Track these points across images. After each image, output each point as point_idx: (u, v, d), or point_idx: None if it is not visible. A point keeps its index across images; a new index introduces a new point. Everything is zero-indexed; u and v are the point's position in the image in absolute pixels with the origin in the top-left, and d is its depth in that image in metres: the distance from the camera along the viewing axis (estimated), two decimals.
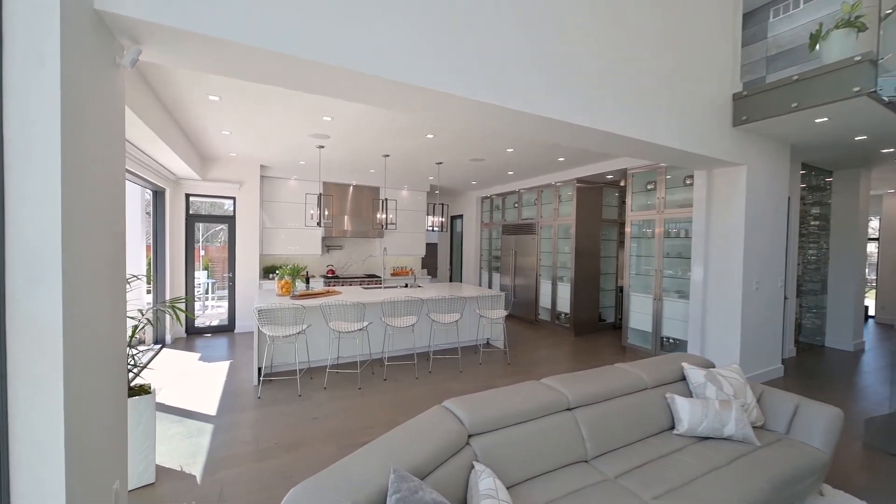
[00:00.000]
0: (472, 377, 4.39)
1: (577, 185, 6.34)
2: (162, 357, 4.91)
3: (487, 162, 5.78)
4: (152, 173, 4.75)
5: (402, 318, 4.44)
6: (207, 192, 6.01)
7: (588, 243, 6.52)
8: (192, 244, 6.03)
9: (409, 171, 6.72)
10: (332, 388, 3.96)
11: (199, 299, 7.79)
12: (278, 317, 4.12)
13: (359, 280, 7.06)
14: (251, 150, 5.40)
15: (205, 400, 3.62)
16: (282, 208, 6.71)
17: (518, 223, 7.67)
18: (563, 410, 2.10)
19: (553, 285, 6.80)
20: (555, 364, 4.94)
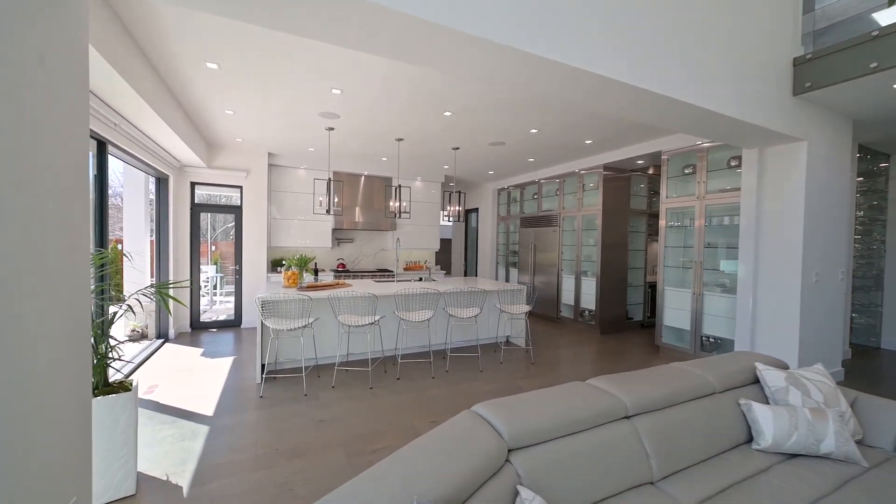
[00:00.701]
0: (494, 377, 4.00)
1: (603, 172, 5.89)
2: (163, 352, 4.65)
3: (508, 146, 5.39)
4: (155, 158, 4.49)
5: (417, 313, 4.08)
6: (213, 181, 5.75)
7: (615, 235, 6.07)
8: (198, 235, 5.78)
9: (423, 159, 6.36)
10: (340, 388, 3.62)
11: (205, 294, 7.58)
12: (283, 309, 3.80)
13: (370, 274, 6.73)
14: (257, 135, 5.12)
15: (203, 399, 3.32)
16: (290, 199, 6.43)
17: (537, 215, 7.25)
18: (620, 419, 1.71)
19: (576, 281, 6.37)
20: (583, 364, 4.52)
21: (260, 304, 3.59)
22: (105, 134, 3.22)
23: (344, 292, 3.80)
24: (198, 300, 5.82)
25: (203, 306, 7.12)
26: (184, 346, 4.95)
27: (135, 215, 5.24)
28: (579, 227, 6.32)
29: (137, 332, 5.11)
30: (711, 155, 4.47)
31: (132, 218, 5.24)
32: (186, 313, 5.65)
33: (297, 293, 3.92)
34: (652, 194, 6.56)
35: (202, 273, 7.45)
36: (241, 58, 2.98)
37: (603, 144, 5.24)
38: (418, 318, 3.96)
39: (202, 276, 7.59)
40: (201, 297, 6.96)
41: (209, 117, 4.39)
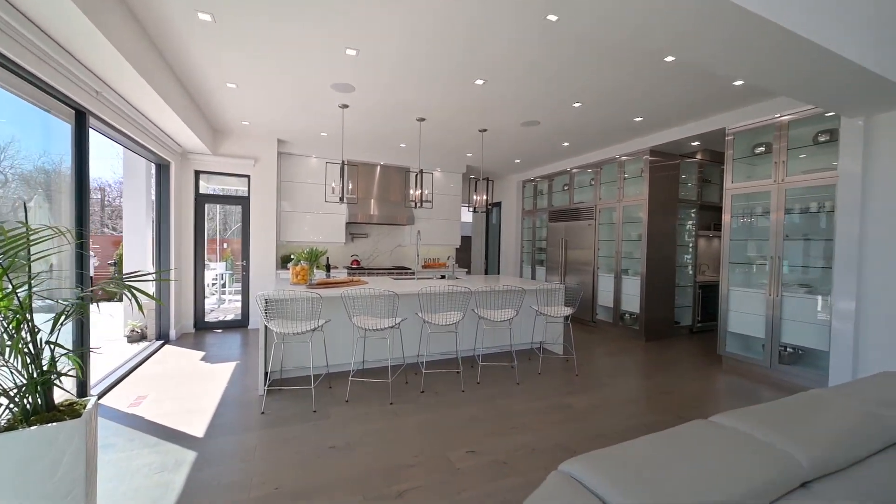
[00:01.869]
0: (534, 392, 3.39)
1: (649, 158, 5.22)
2: (161, 355, 4.19)
3: (543, 127, 4.76)
4: (152, 140, 4.03)
5: (443, 315, 3.50)
6: (219, 169, 5.30)
7: (662, 229, 5.38)
8: (202, 228, 5.33)
9: (444, 147, 5.79)
10: (356, 402, 3.06)
11: (214, 293, 7.18)
12: (290, 309, 3.27)
13: (386, 272, 6.19)
14: (265, 118, 4.62)
15: (195, 414, 2.81)
16: (301, 190, 5.94)
17: (569, 208, 6.60)
18: (796, 489, 1.09)
19: (616, 280, 5.70)
20: (636, 378, 3.86)
21: (263, 303, 3.06)
22: (84, 102, 2.74)
23: (359, 290, 3.26)
24: (202, 299, 5.37)
25: (210, 305, 6.71)
26: (184, 348, 4.48)
27: (134, 206, 4.81)
28: (619, 221, 5.65)
29: (137, 333, 4.67)
30: (794, 129, 3.76)
31: (132, 209, 4.82)
32: (190, 313, 5.20)
33: (306, 291, 3.39)
34: (702, 182, 5.84)
35: (210, 270, 7.06)
36: (238, 6, 2.45)
37: (654, 122, 4.56)
38: (445, 322, 3.38)
39: (210, 274, 7.22)
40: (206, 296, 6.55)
41: (209, 92, 3.91)
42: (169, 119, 3.76)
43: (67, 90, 2.56)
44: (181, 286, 5.09)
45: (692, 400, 3.31)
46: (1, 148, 2.80)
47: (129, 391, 3.19)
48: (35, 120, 2.79)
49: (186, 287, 5.16)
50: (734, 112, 4.19)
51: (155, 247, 4.69)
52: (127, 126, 3.40)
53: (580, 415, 2.95)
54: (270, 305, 3.21)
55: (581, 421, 2.85)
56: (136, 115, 3.48)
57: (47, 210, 6.53)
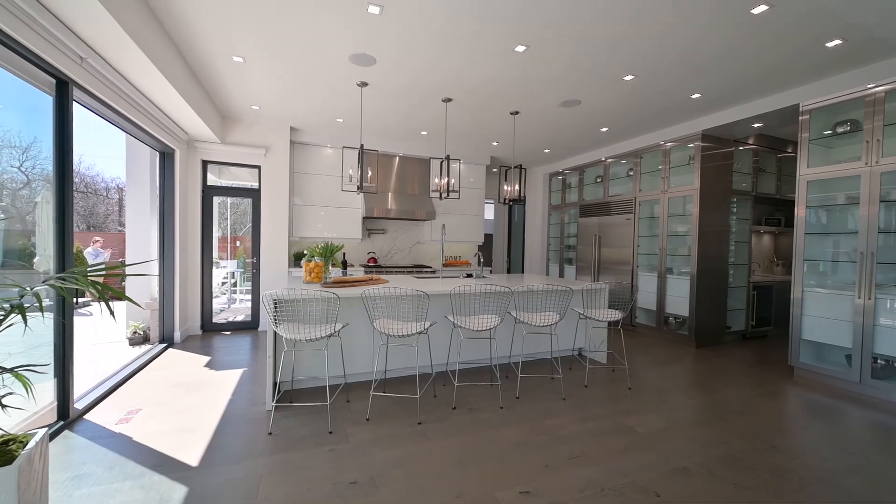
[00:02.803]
0: (584, 409, 2.89)
1: (701, 144, 4.65)
2: (162, 360, 3.82)
3: (583, 108, 4.25)
4: (152, 121, 3.67)
5: (478, 318, 3.03)
6: (227, 159, 4.94)
7: (715, 224, 4.82)
8: (210, 222, 4.98)
9: (469, 133, 5.32)
10: (378, 420, 2.62)
11: (224, 293, 6.85)
12: (302, 311, 2.84)
13: (406, 270, 5.75)
14: (276, 101, 4.23)
15: (191, 435, 2.40)
16: (315, 182, 5.54)
17: (603, 202, 6.06)
18: None
19: (660, 280, 5.14)
20: (699, 393, 3.32)
21: (272, 305, 2.64)
22: (66, 70, 2.36)
23: (381, 290, 2.81)
24: (209, 299, 5.01)
25: (221, 305, 6.38)
26: (188, 352, 4.11)
27: (138, 198, 4.47)
28: (664, 214, 5.09)
29: (139, 335, 4.33)
30: (890, 103, 3.18)
31: (135, 202, 4.48)
32: (196, 313, 4.85)
33: (320, 290, 2.96)
34: (757, 172, 5.24)
35: (220, 268, 6.74)
36: None
37: (713, 99, 4.00)
38: (480, 326, 2.90)
39: (221, 273, 6.90)
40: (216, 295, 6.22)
41: (214, 67, 3.52)
42: (169, 98, 3.38)
43: (48, 54, 2.18)
44: (187, 286, 4.73)
45: (775, 422, 2.76)
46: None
47: (121, 404, 2.80)
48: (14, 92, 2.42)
49: (193, 286, 4.80)
50: (808, 86, 3.62)
51: (159, 242, 4.34)
52: (120, 103, 3.01)
53: (647, 441, 2.45)
54: (280, 307, 2.78)
55: (650, 449, 2.34)
56: (129, 90, 3.10)
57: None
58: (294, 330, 2.55)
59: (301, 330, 2.55)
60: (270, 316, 2.54)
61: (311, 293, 2.84)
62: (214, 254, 6.61)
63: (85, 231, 12.99)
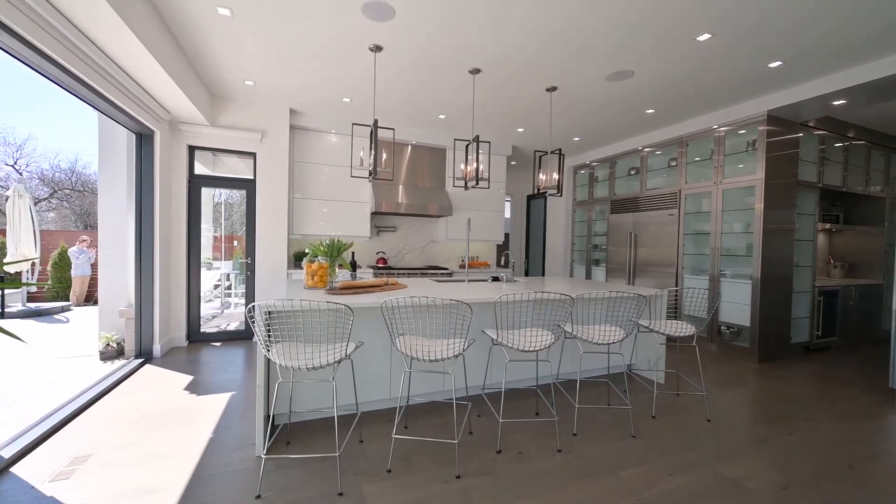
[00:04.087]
0: (665, 453, 2.24)
1: (767, 128, 4.01)
2: (134, 381, 3.17)
3: (635, 81, 3.61)
4: (130, 100, 3.05)
5: (527, 334, 2.38)
6: (218, 144, 4.30)
7: (780, 220, 4.17)
8: (198, 216, 4.34)
9: (495, 115, 4.68)
10: (403, 473, 1.97)
11: (216, 297, 6.22)
12: (303, 327, 2.19)
13: (419, 272, 5.11)
14: (273, 73, 3.60)
15: (149, 499, 1.75)
16: (319, 173, 4.91)
17: (639, 196, 5.41)
18: None
19: (712, 284, 4.49)
20: (797, 427, 2.67)
21: (264, 319, 2.00)
22: None
23: (405, 298, 2.17)
24: (197, 304, 4.37)
25: (213, 311, 5.75)
26: (168, 369, 3.47)
27: (112, 189, 3.85)
28: (716, 209, 4.45)
29: (112, 348, 3.70)
30: None
31: (108, 192, 3.85)
32: (181, 322, 4.21)
33: (326, 298, 2.33)
34: (823, 161, 4.59)
35: (211, 269, 6.11)
36: None
37: (794, 70, 3.35)
38: (532, 344, 2.26)
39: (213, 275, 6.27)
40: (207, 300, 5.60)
41: (195, 23, 2.88)
42: (143, 65, 2.75)
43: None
44: (170, 290, 4.10)
45: None
46: None
47: (67, 447, 2.16)
48: None
49: (177, 291, 4.17)
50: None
51: (136, 240, 3.70)
52: (66, 55, 2.37)
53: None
54: (276, 321, 2.14)
55: None
56: (94, 53, 2.47)
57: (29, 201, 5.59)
58: (292, 354, 1.90)
59: (301, 354, 1.91)
60: (261, 338, 1.90)
61: (314, 302, 2.20)
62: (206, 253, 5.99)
63: (82, 230, 12.47)
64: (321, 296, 2.49)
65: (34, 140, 23.84)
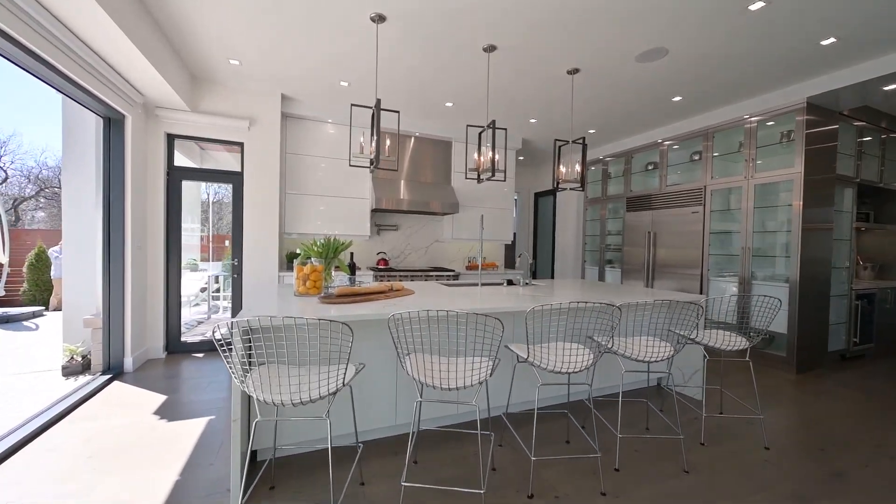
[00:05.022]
0: (730, 497, 1.85)
1: (806, 117, 3.65)
2: (98, 402, 2.74)
3: (668, 61, 3.23)
4: (95, 79, 2.62)
5: (561, 351, 1.99)
6: (201, 133, 3.88)
7: (818, 217, 3.82)
8: (178, 213, 3.91)
9: (507, 102, 4.29)
10: None
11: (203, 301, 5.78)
12: (288, 348, 1.78)
13: (423, 274, 4.70)
14: (262, 49, 3.19)
15: None
16: (314, 166, 4.49)
17: (658, 193, 5.05)
18: None
19: (742, 287, 4.13)
20: (872, 454, 2.30)
21: (241, 339, 1.59)
22: None
23: (414, 310, 1.77)
24: (177, 311, 3.94)
25: (199, 316, 5.32)
26: (140, 387, 3.04)
27: (77, 181, 3.41)
28: (747, 206, 4.09)
29: (77, 362, 3.26)
30: None
31: (73, 185, 3.42)
32: (159, 331, 3.77)
33: (319, 308, 1.92)
34: (861, 154, 4.25)
35: (197, 271, 5.67)
36: None
37: (849, 47, 2.98)
38: (569, 364, 1.86)
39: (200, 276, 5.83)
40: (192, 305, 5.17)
41: None
42: (109, 37, 2.33)
43: None
44: (145, 295, 3.67)
45: None
46: None
47: None
48: None
49: (154, 296, 3.73)
50: None
51: (103, 238, 3.27)
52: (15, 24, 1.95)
53: None
54: (258, 339, 1.73)
55: None
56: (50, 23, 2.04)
57: None
58: (274, 383, 1.50)
59: (286, 383, 1.50)
60: (235, 364, 1.49)
61: (305, 315, 1.79)
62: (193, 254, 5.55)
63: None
64: (314, 305, 2.08)
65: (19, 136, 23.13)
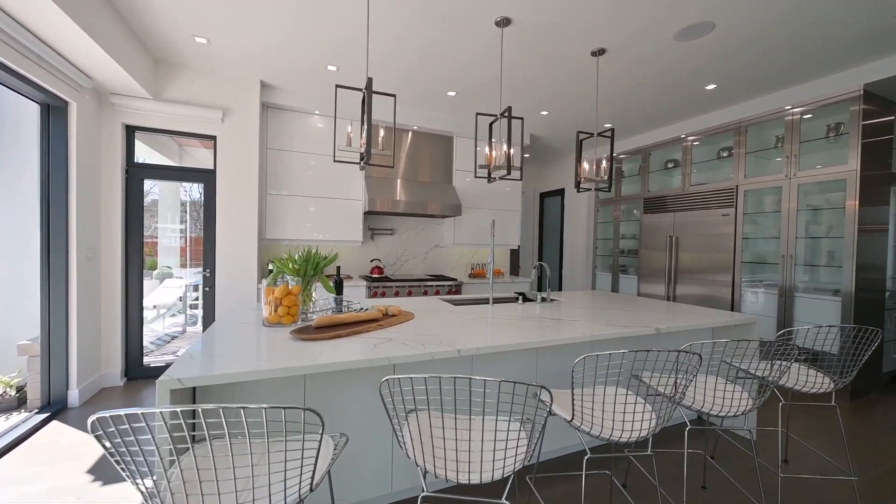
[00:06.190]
0: None
1: (862, 105, 3.19)
2: (23, 453, 2.21)
3: (712, 38, 2.74)
4: (19, 55, 2.10)
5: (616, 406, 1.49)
6: (165, 125, 3.35)
7: (875, 220, 3.36)
8: (140, 218, 3.38)
9: (519, 89, 3.81)
10: None
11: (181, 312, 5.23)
12: (233, 424, 1.26)
13: (421, 284, 4.20)
14: (235, 26, 2.67)
15: None
16: (299, 164, 3.97)
17: (682, 194, 4.58)
18: None
19: (783, 300, 3.66)
20: None
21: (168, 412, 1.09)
22: None
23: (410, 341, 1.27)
24: (139, 328, 3.41)
25: (174, 329, 4.79)
26: (81, 430, 2.51)
27: (13, 177, 2.88)
28: (788, 208, 3.62)
29: (10, 396, 2.73)
30: None
31: (8, 182, 2.88)
32: (116, 353, 3.24)
33: (289, 348, 1.41)
34: None
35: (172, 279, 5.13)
36: None
37: None
38: (625, 433, 1.37)
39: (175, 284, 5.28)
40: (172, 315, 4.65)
41: None
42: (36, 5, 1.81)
43: None
44: (98, 313, 3.14)
45: None
46: None
47: None
48: None
49: (108, 314, 3.20)
50: None
51: (41, 247, 2.73)
52: None
53: None
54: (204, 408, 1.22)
55: None
56: None
57: None
58: (209, 486, 0.99)
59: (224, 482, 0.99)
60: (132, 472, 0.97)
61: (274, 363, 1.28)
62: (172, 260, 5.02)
63: None
64: (283, 342, 1.58)
65: None
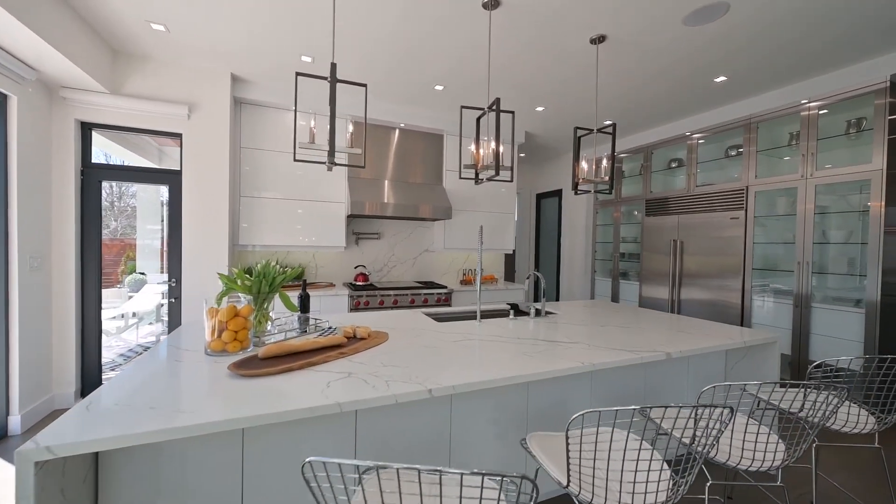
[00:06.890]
0: None
1: (888, 98, 2.91)
2: None
3: (727, 21, 2.46)
4: None
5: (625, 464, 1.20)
6: (124, 122, 3.06)
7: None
8: (98, 224, 3.09)
9: (511, 83, 3.52)
10: None
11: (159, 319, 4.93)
12: (174, 469, 0.97)
13: (409, 292, 3.91)
14: (194, 8, 2.38)
15: None
16: (276, 164, 3.69)
17: (687, 195, 4.30)
18: None
19: (799, 311, 3.38)
20: None
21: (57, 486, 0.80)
22: None
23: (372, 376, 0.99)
24: (96, 341, 3.12)
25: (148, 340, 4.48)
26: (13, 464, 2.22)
27: None
28: (805, 210, 3.34)
29: None
30: None
31: None
32: (71, 370, 2.95)
33: (225, 386, 1.12)
34: None
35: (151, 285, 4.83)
36: None
37: None
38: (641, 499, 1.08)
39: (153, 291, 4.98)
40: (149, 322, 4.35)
41: None
42: None
43: None
44: (50, 328, 2.85)
45: None
46: None
47: None
48: None
49: (61, 326, 2.91)
50: None
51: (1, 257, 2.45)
52: None
53: None
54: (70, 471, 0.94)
55: None
56: None
57: None
58: None
59: None
60: None
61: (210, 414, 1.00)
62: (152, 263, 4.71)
63: None
64: (220, 379, 1.29)
65: None
